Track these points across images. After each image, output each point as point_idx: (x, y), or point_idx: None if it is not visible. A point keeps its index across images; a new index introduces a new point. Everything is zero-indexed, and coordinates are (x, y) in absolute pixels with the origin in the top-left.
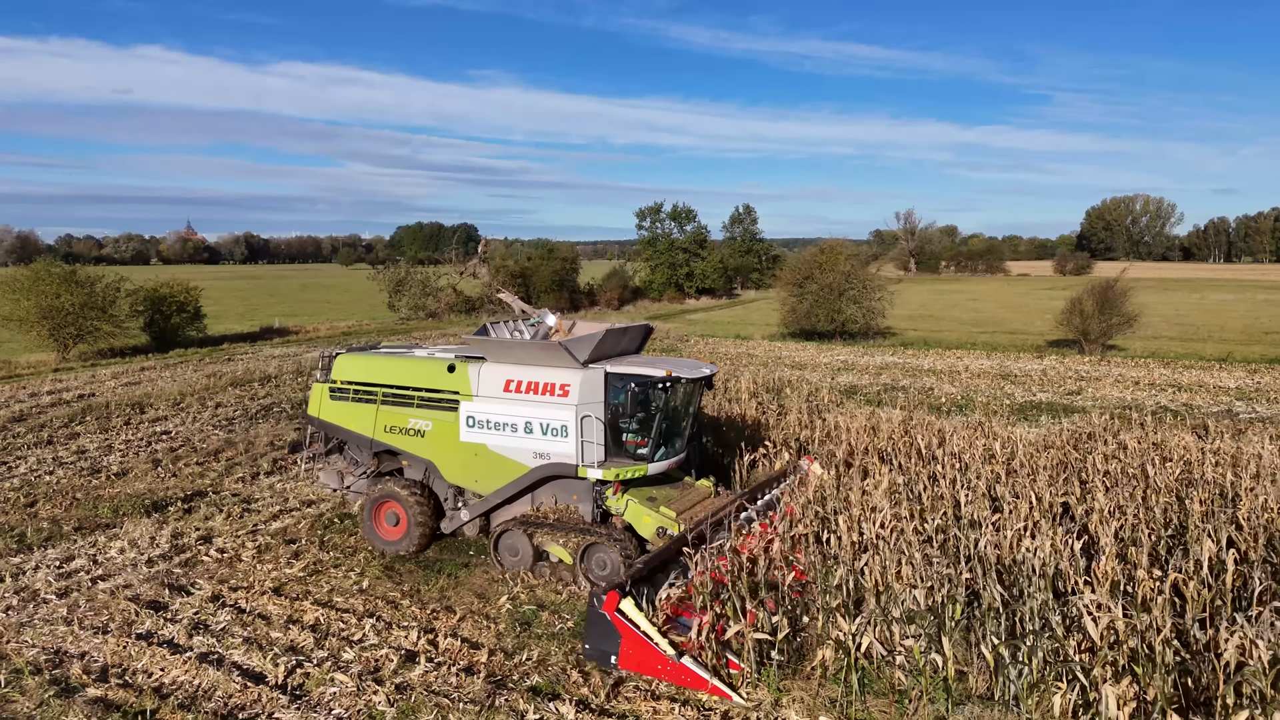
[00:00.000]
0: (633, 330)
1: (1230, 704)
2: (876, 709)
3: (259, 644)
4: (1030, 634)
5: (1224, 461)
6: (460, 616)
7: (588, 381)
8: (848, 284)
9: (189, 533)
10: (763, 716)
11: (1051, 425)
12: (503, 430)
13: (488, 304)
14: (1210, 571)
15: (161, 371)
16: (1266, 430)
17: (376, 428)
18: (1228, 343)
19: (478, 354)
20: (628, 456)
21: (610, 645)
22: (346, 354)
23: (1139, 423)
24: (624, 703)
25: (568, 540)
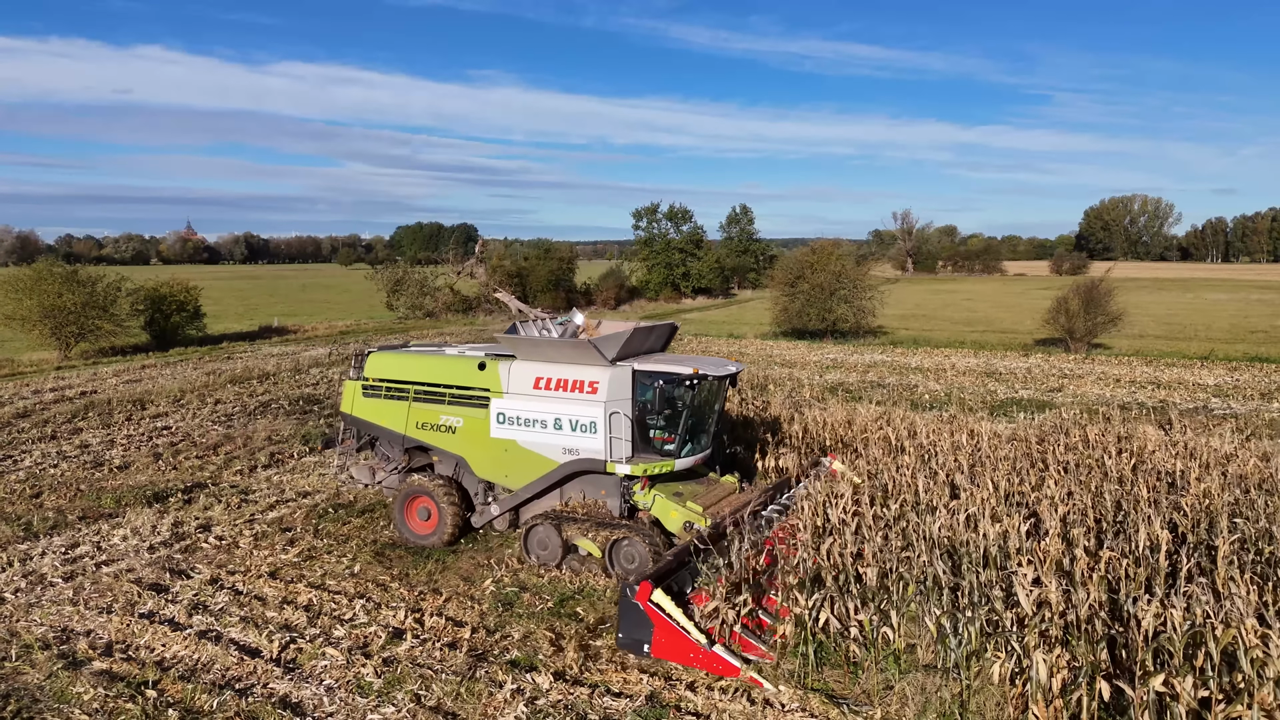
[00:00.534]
0: (659, 329)
1: (1150, 669)
2: (832, 679)
3: (255, 622)
4: (969, 607)
5: (1181, 453)
6: (446, 598)
7: (616, 379)
8: (838, 284)
9: (189, 522)
10: (725, 689)
11: (1021, 419)
12: (532, 426)
13: (484, 303)
14: (1149, 551)
15: (162, 369)
16: (1230, 425)
17: (408, 424)
18: (1213, 341)
19: (508, 352)
20: (655, 452)
21: (643, 634)
22: (378, 352)
23: (1105, 416)
24: (597, 674)
25: (596, 534)
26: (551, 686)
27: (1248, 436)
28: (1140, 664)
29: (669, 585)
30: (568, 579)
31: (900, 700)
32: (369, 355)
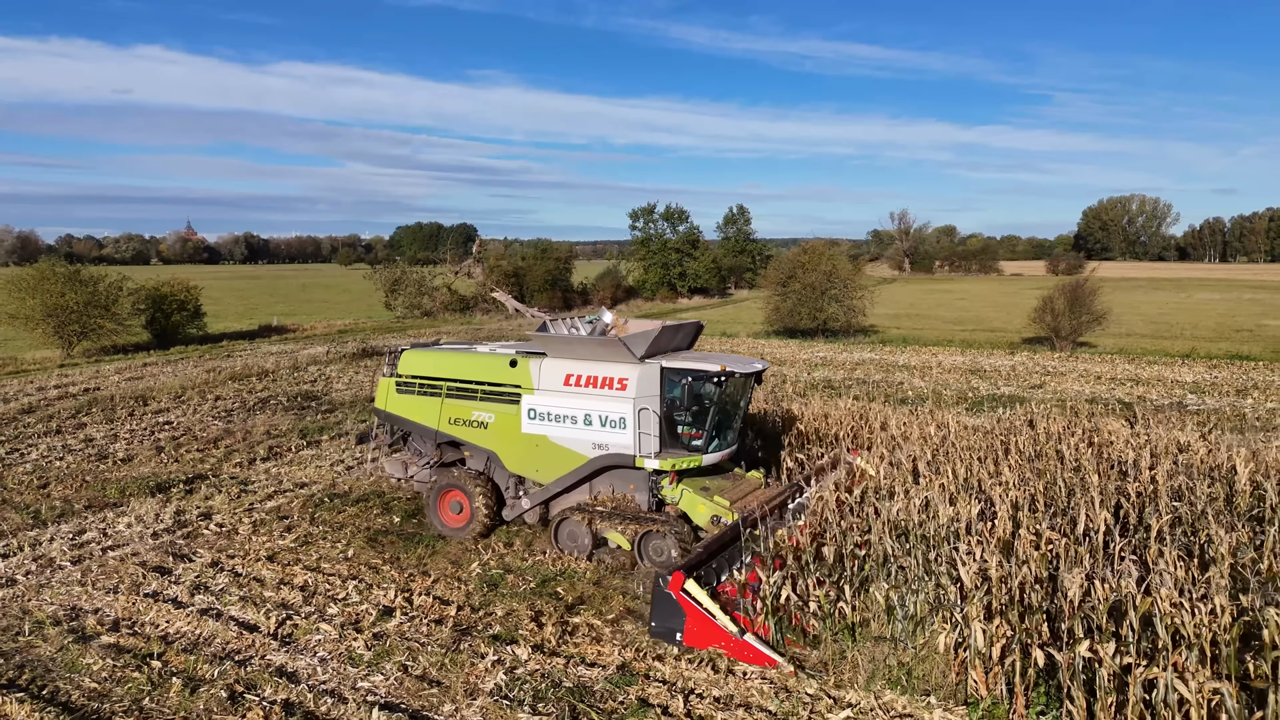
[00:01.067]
0: (686, 327)
1: (1078, 636)
2: (792, 649)
3: (253, 601)
4: (916, 581)
5: (1138, 444)
6: (434, 579)
7: (645, 376)
8: (829, 283)
9: (190, 510)
10: (692, 660)
11: (1001, 414)
12: (563, 422)
13: (482, 303)
14: (1090, 531)
15: (163, 367)
16: (1193, 419)
17: (441, 420)
18: (1198, 340)
19: (539, 349)
20: (682, 448)
21: (676, 623)
22: (411, 350)
23: (1074, 410)
24: (573, 647)
25: (626, 528)
26: (530, 658)
27: (1209, 430)
28: (1068, 632)
29: (699, 576)
30: (550, 562)
31: (852, 668)
32: (402, 353)
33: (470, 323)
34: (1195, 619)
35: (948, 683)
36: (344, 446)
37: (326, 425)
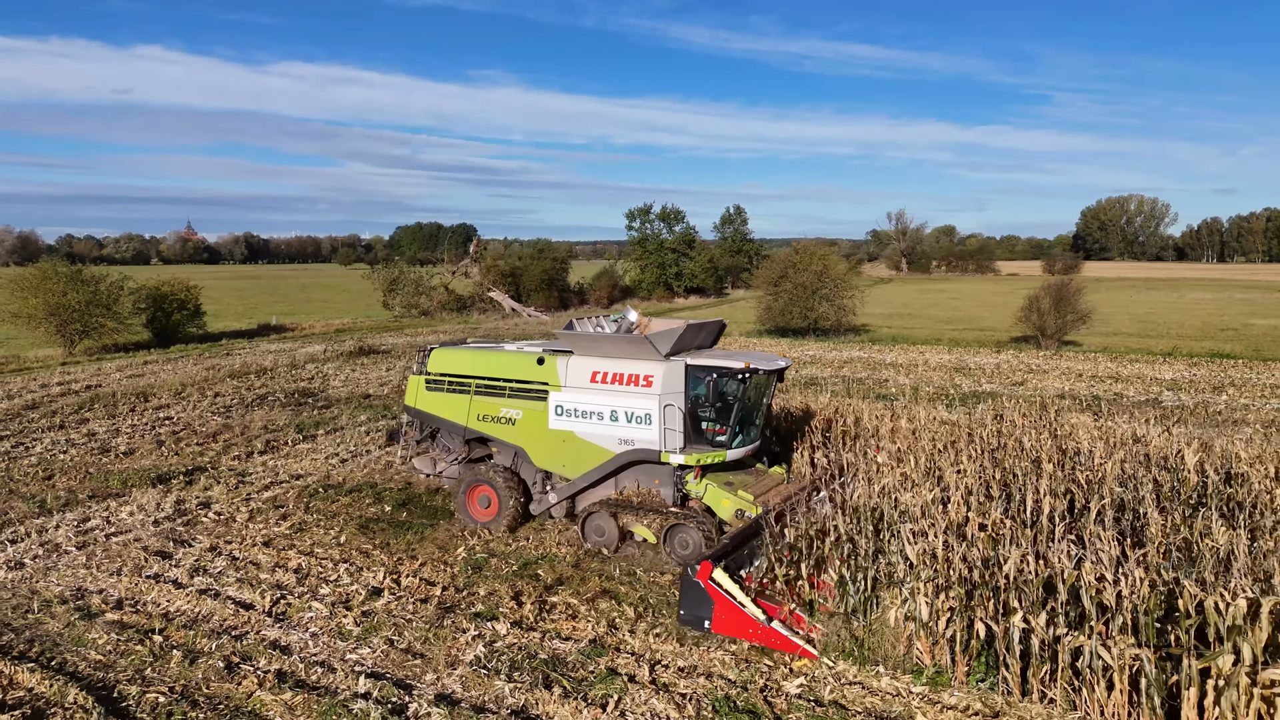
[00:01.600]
0: (709, 326)
1: (1014, 608)
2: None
3: (249, 582)
4: (866, 559)
5: (1097, 435)
6: (421, 562)
7: (670, 373)
8: (820, 283)
9: (190, 500)
10: (660, 634)
11: (961, 408)
12: (589, 418)
13: (479, 302)
14: (1035, 513)
15: (163, 365)
16: (1154, 413)
17: (470, 416)
18: (1184, 339)
19: (565, 347)
20: (707, 443)
21: (704, 611)
22: (440, 348)
23: (1043, 405)
24: (550, 623)
25: (652, 521)
26: (509, 633)
27: (1174, 423)
28: (1004, 604)
29: (725, 566)
30: (532, 547)
31: (806, 641)
32: (431, 351)
33: (467, 322)
34: (1117, 591)
35: (896, 653)
36: (339, 440)
37: (322, 420)
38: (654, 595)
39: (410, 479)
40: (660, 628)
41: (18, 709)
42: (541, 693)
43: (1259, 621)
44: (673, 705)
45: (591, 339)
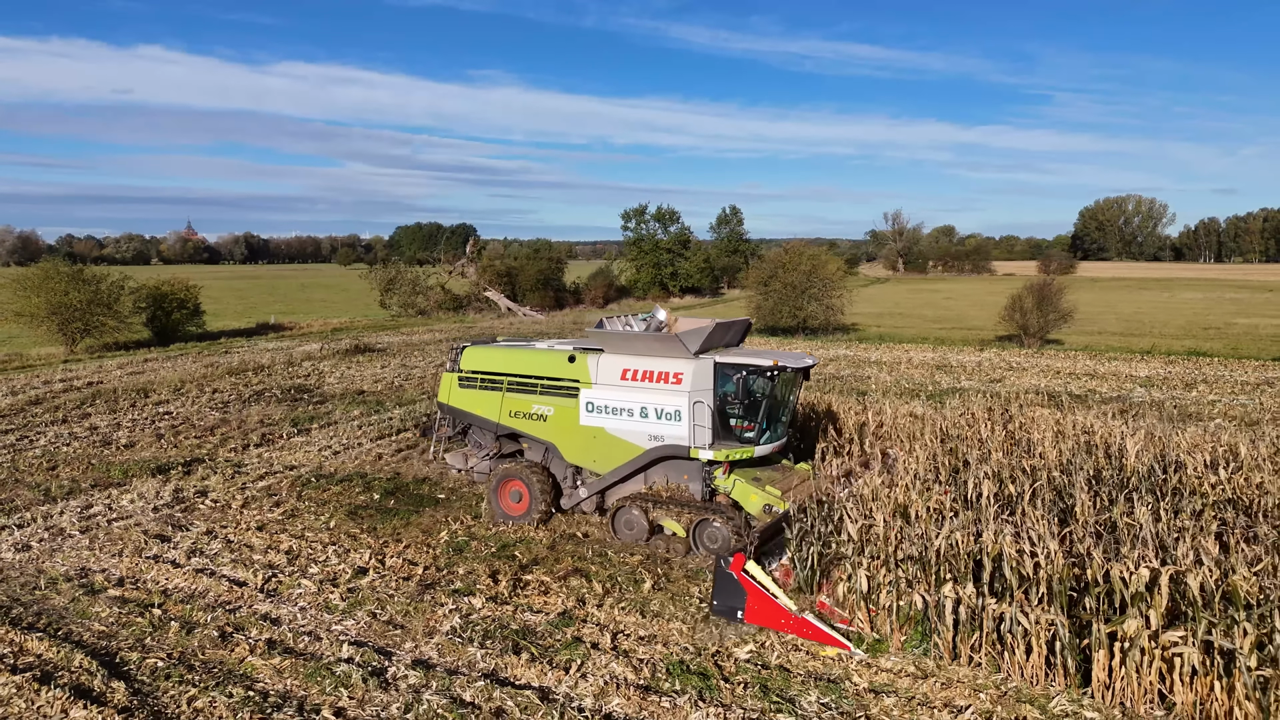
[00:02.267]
0: (736, 325)
1: (945, 579)
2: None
3: (243, 562)
4: (815, 537)
5: (1052, 426)
6: (406, 545)
7: (699, 370)
8: (808, 283)
9: (188, 489)
10: (626, 607)
11: (929, 402)
12: (620, 415)
13: (475, 302)
14: (977, 495)
15: (163, 363)
16: (1114, 407)
17: (502, 413)
18: (1165, 337)
19: (596, 346)
20: (735, 439)
21: (737, 602)
22: (473, 346)
23: (1009, 399)
24: (523, 598)
25: (681, 516)
26: (484, 606)
27: (1134, 416)
28: (937, 576)
29: (757, 558)
30: (510, 531)
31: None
32: (464, 349)
33: (463, 321)
34: (1034, 563)
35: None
36: (332, 434)
37: (317, 415)
38: (622, 574)
39: (398, 469)
40: (625, 602)
41: (28, 671)
42: (510, 658)
43: (1159, 590)
44: (630, 668)
45: (622, 337)
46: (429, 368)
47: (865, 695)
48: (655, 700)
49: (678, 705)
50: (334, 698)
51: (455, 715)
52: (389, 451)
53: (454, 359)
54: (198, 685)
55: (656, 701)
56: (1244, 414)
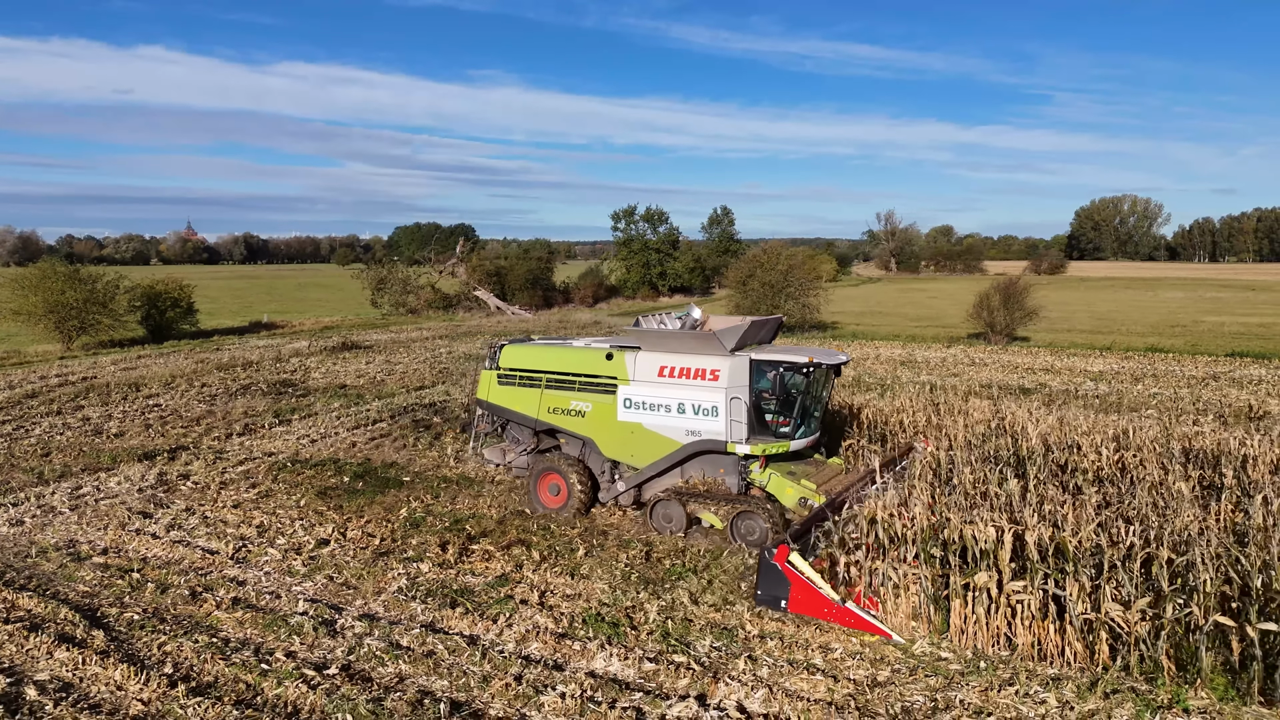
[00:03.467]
0: (769, 322)
1: (833, 543)
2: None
3: (217, 535)
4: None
5: (983, 416)
6: (367, 520)
7: (735, 367)
8: (785, 282)
9: (171, 472)
10: (560, 570)
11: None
12: (657, 410)
13: (464, 300)
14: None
15: (156, 359)
16: (1040, 397)
17: (540, 409)
18: (1132, 334)
19: (633, 343)
20: (770, 434)
21: (781, 592)
22: (511, 344)
23: (949, 391)
24: (467, 564)
25: (719, 508)
26: (430, 570)
27: (1059, 406)
28: (866, 546)
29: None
30: (465, 508)
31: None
32: (503, 348)
33: (452, 319)
34: (902, 524)
35: (750, 584)
36: (311, 424)
37: (298, 407)
38: (560, 544)
39: (370, 455)
40: (558, 566)
41: (19, 622)
42: (447, 611)
43: (1003, 546)
44: (551, 619)
45: (658, 335)
46: (412, 363)
47: (753, 639)
48: (568, 644)
49: (587, 648)
50: (287, 643)
51: (391, 655)
52: (363, 440)
53: (492, 357)
54: (168, 634)
55: (569, 645)
56: (1174, 405)
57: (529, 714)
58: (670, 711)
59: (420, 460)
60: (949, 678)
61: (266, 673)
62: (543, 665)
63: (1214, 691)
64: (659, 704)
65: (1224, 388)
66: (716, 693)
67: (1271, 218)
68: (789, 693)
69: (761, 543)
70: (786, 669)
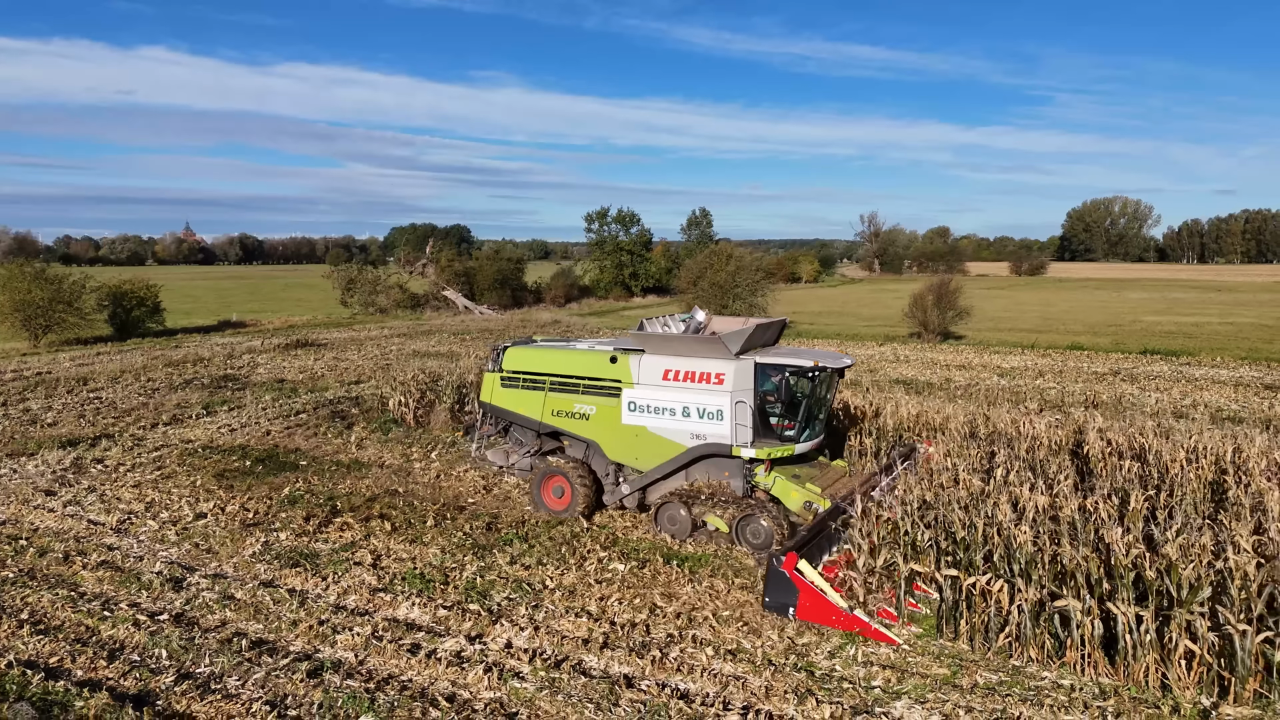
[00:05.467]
0: (773, 325)
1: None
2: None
3: (107, 509)
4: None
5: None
6: (249, 497)
7: (740, 370)
8: (733, 282)
9: (88, 457)
10: (410, 540)
11: None
12: (662, 414)
13: (432, 300)
14: None
15: (113, 356)
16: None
17: (544, 412)
18: (1068, 333)
19: (637, 346)
20: (775, 437)
21: (789, 599)
22: (514, 346)
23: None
24: (324, 534)
25: (724, 512)
26: (288, 539)
27: (944, 399)
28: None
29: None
30: (344, 486)
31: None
32: (506, 350)
33: (419, 319)
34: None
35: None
36: (235, 415)
37: (229, 400)
38: (415, 517)
39: (279, 443)
40: (405, 537)
41: None
42: (286, 571)
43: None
44: (375, 577)
45: (663, 339)
46: (359, 360)
47: (545, 592)
48: (382, 596)
49: (396, 600)
50: (135, 597)
51: (221, 606)
52: (279, 429)
53: (496, 359)
54: (33, 589)
55: (382, 597)
56: (1059, 398)
57: (321, 649)
58: (441, 645)
59: (325, 447)
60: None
61: (107, 619)
62: (351, 613)
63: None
64: (436, 640)
65: (1116, 383)
66: (491, 632)
67: (1259, 219)
68: (554, 632)
69: (766, 545)
70: (561, 614)
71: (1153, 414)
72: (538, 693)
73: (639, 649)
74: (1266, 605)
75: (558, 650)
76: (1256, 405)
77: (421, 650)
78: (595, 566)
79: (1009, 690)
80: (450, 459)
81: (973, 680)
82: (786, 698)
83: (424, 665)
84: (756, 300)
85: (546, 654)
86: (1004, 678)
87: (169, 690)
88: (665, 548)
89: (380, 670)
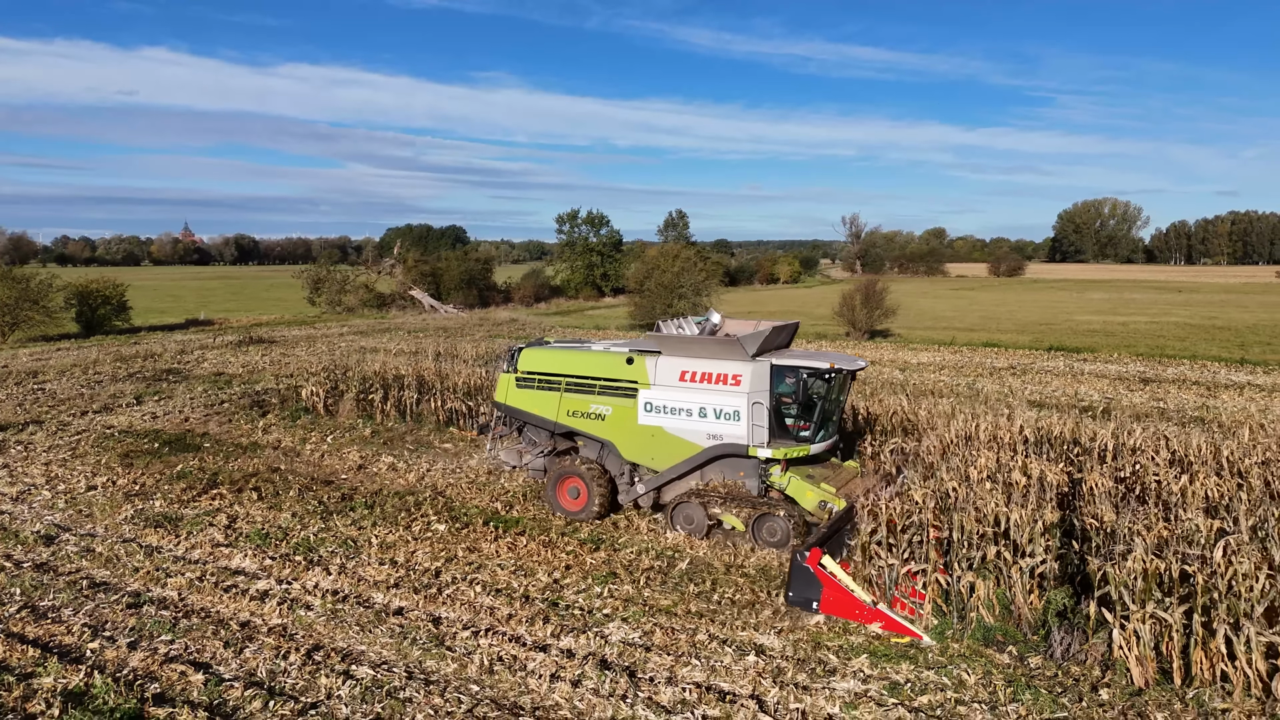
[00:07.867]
0: (787, 327)
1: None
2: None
3: (13, 483)
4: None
5: None
6: (143, 474)
7: (757, 372)
8: (678, 283)
9: (11, 440)
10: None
11: None
12: (678, 414)
13: (399, 299)
14: None
15: (71, 351)
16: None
17: (560, 412)
18: (998, 331)
19: (653, 348)
20: (790, 438)
21: (813, 593)
22: (529, 348)
23: None
24: (198, 503)
25: (740, 511)
26: (160, 506)
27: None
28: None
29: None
30: (235, 466)
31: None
32: (521, 351)
33: (385, 317)
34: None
35: (534, 520)
36: (162, 405)
37: (163, 391)
38: (282, 488)
39: (192, 429)
40: (268, 505)
41: None
42: (150, 530)
43: None
44: (223, 536)
45: (679, 340)
46: (306, 356)
47: (373, 549)
48: (222, 550)
49: (233, 553)
50: (8, 550)
51: (80, 557)
52: (197, 417)
53: (511, 360)
54: None
55: (222, 550)
56: (948, 388)
57: (152, 589)
58: (255, 585)
59: (234, 432)
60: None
61: None
62: (190, 563)
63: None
64: (254, 582)
65: (1004, 376)
66: (304, 577)
67: (1245, 221)
68: (357, 576)
69: (783, 544)
70: (370, 564)
71: (984, 400)
72: (317, 619)
73: (423, 589)
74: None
75: (355, 591)
76: (1123, 396)
77: (235, 590)
78: (420, 527)
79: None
80: (341, 442)
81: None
82: (523, 622)
83: (232, 600)
84: (700, 301)
85: (343, 593)
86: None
87: (10, 617)
88: (491, 512)
89: (196, 605)
